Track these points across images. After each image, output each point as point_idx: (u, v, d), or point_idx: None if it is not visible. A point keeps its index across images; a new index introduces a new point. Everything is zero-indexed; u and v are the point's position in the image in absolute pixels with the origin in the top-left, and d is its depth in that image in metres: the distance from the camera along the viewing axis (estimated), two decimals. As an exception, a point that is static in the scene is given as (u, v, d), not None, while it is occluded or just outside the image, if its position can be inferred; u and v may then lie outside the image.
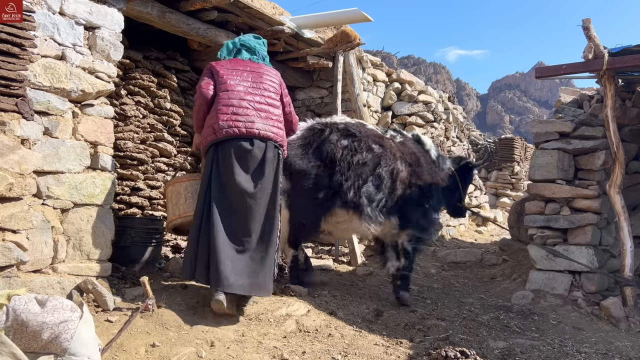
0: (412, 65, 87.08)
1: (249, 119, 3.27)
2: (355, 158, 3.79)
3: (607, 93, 4.21)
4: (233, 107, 3.28)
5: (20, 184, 2.70)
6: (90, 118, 3.30)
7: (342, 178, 3.75)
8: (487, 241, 7.61)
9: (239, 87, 3.35)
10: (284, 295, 3.67)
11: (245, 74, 3.45)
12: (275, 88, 3.51)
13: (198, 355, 2.65)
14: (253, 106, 3.33)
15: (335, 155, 3.76)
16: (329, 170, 3.77)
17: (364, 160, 3.82)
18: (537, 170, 4.59)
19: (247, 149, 3.24)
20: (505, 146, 12.22)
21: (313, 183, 3.75)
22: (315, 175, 3.75)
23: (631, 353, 3.21)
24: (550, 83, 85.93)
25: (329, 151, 3.78)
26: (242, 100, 3.32)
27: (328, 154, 3.77)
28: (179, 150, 4.99)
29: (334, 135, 3.87)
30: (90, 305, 3.01)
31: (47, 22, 3.06)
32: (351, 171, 3.77)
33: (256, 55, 3.61)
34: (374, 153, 3.88)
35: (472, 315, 3.87)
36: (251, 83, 3.42)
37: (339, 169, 3.76)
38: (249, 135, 3.24)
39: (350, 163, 3.78)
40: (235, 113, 3.26)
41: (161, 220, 4.46)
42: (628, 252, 4.11)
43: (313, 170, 3.75)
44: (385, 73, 6.95)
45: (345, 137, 3.88)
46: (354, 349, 2.97)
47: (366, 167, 3.81)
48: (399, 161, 3.96)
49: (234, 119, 3.25)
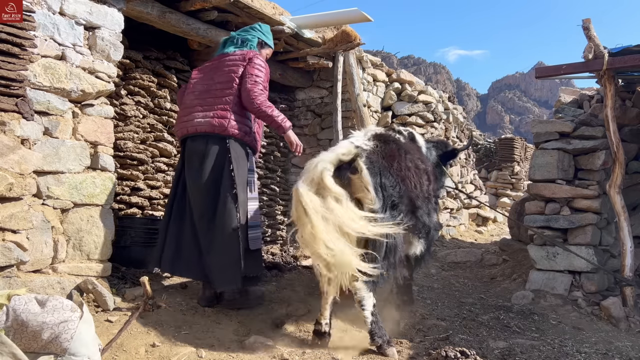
0: (412, 65, 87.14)
1: (195, 116, 3.40)
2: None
3: (607, 93, 4.21)
4: (186, 108, 3.49)
5: (20, 184, 2.70)
6: (90, 118, 3.30)
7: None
8: (487, 241, 7.61)
9: (197, 86, 3.51)
10: (281, 297, 3.67)
11: (208, 70, 3.55)
12: (235, 69, 3.40)
13: (198, 355, 2.65)
14: (201, 102, 3.43)
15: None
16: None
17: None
18: (537, 170, 4.59)
19: (193, 145, 3.43)
20: (505, 146, 12.22)
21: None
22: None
23: (631, 353, 3.21)
24: (550, 83, 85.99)
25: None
26: (195, 99, 3.47)
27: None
28: (179, 150, 4.98)
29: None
30: (90, 305, 3.01)
31: (47, 22, 3.06)
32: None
33: (234, 44, 3.59)
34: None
35: (472, 315, 3.87)
36: (208, 79, 3.48)
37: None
38: (192, 133, 3.41)
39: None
40: (184, 114, 3.48)
41: (161, 220, 4.46)
42: (628, 252, 4.11)
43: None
44: (385, 73, 6.95)
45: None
46: (354, 349, 2.96)
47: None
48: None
49: (184, 120, 3.46)
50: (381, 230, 2.72)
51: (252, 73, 3.37)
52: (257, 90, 3.35)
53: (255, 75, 3.37)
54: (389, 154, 3.05)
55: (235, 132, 3.33)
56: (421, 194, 3.20)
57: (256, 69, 3.40)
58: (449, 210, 7.89)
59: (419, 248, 3.33)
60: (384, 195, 2.88)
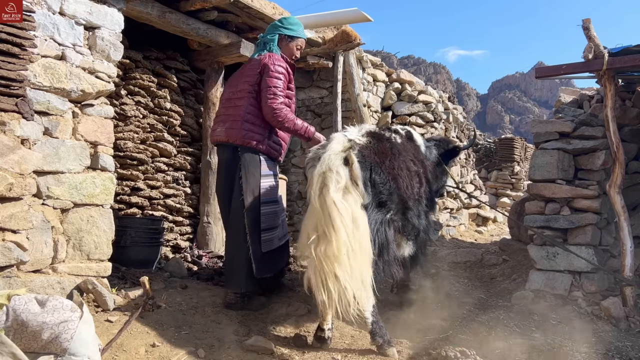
0: (412, 65, 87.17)
1: (218, 126, 3.57)
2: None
3: (607, 93, 4.21)
4: (216, 116, 3.71)
5: (20, 184, 2.69)
6: (90, 118, 3.30)
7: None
8: (487, 241, 7.61)
9: (224, 94, 3.67)
10: (281, 296, 3.68)
11: (235, 77, 3.64)
12: (250, 78, 3.44)
13: (198, 355, 2.65)
14: (224, 111, 3.57)
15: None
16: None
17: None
18: (537, 170, 4.58)
19: (218, 154, 3.73)
20: (505, 146, 12.21)
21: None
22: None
23: (631, 353, 3.21)
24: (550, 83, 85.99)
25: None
26: (221, 107, 3.65)
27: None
28: (179, 150, 4.99)
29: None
30: (90, 305, 3.00)
31: (47, 22, 3.05)
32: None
33: (259, 48, 3.62)
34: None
35: (472, 315, 3.87)
36: (233, 87, 3.57)
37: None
38: (214, 142, 3.67)
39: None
40: (214, 123, 3.68)
41: (161, 220, 4.46)
42: (628, 252, 4.11)
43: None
44: (385, 73, 6.95)
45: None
46: (354, 349, 2.97)
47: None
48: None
49: (213, 128, 3.66)
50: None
51: (270, 84, 3.34)
52: (276, 105, 3.32)
53: (273, 86, 3.34)
54: (381, 151, 3.02)
55: (246, 141, 3.40)
56: (412, 196, 3.17)
57: (272, 77, 3.36)
58: (449, 210, 7.89)
59: (407, 250, 3.29)
60: (372, 191, 2.85)
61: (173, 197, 4.84)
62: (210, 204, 4.93)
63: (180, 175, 4.96)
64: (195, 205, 5.06)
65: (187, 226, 5.01)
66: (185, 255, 4.70)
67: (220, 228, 5.00)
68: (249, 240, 3.37)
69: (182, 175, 4.98)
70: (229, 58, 4.96)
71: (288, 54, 3.64)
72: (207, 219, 4.92)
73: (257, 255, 3.37)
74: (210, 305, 3.40)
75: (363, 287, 2.64)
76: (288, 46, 3.64)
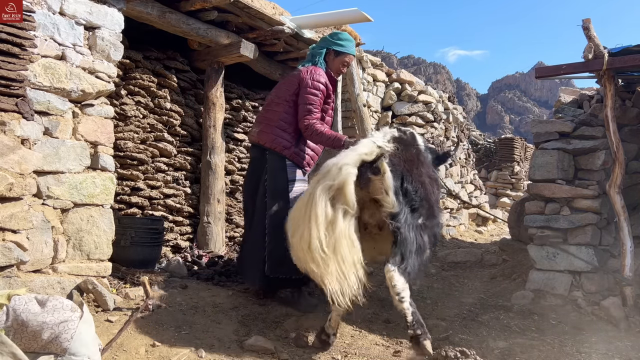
0: (412, 65, 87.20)
1: (255, 127, 3.75)
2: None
3: (607, 93, 4.21)
4: (256, 117, 3.93)
5: (20, 184, 2.70)
6: (91, 118, 3.30)
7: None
8: (487, 241, 7.61)
9: (268, 98, 3.79)
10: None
11: (280, 83, 3.80)
12: (290, 87, 3.57)
13: (198, 355, 2.65)
14: (263, 113, 3.74)
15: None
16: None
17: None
18: (537, 170, 4.58)
19: (251, 153, 3.93)
20: (505, 146, 12.22)
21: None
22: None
23: (631, 353, 3.21)
24: (550, 83, 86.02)
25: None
26: (263, 109, 3.84)
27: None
28: (179, 150, 4.99)
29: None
30: (90, 305, 3.01)
31: (47, 22, 3.06)
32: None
33: (307, 59, 3.75)
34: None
35: (472, 315, 3.87)
36: (275, 91, 3.72)
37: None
38: (250, 141, 3.92)
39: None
40: (254, 123, 3.97)
41: (161, 220, 4.46)
42: (628, 252, 4.11)
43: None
44: (385, 73, 6.96)
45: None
46: (354, 349, 2.97)
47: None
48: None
49: (251, 128, 3.93)
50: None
51: (306, 101, 3.47)
52: (308, 122, 3.44)
53: (308, 103, 3.46)
54: (409, 158, 2.96)
55: (274, 145, 3.53)
56: (435, 202, 3.12)
57: (309, 93, 3.47)
58: (449, 210, 7.89)
59: (428, 252, 3.29)
60: (404, 199, 2.79)
61: (173, 197, 4.84)
62: (210, 203, 4.94)
63: (180, 175, 4.96)
64: (195, 205, 5.06)
65: (187, 226, 5.01)
66: (185, 255, 4.70)
67: (220, 228, 5.00)
68: (267, 240, 3.45)
69: (182, 175, 4.98)
70: (229, 58, 4.96)
71: (334, 68, 3.71)
72: (207, 219, 4.93)
73: (272, 256, 3.42)
74: (210, 305, 3.40)
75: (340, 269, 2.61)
76: (334, 61, 3.70)
